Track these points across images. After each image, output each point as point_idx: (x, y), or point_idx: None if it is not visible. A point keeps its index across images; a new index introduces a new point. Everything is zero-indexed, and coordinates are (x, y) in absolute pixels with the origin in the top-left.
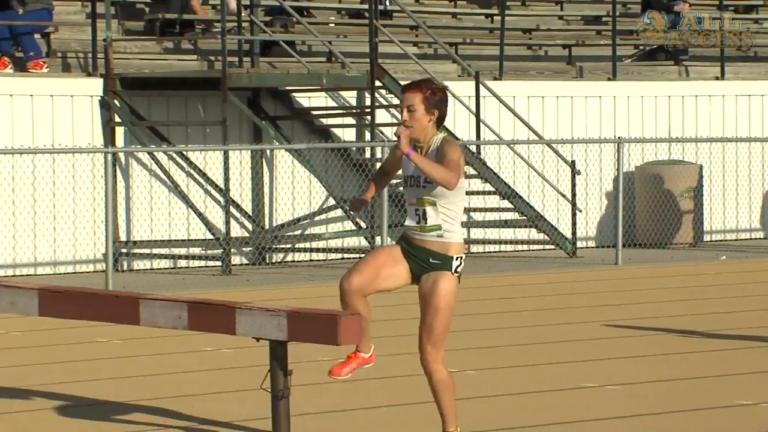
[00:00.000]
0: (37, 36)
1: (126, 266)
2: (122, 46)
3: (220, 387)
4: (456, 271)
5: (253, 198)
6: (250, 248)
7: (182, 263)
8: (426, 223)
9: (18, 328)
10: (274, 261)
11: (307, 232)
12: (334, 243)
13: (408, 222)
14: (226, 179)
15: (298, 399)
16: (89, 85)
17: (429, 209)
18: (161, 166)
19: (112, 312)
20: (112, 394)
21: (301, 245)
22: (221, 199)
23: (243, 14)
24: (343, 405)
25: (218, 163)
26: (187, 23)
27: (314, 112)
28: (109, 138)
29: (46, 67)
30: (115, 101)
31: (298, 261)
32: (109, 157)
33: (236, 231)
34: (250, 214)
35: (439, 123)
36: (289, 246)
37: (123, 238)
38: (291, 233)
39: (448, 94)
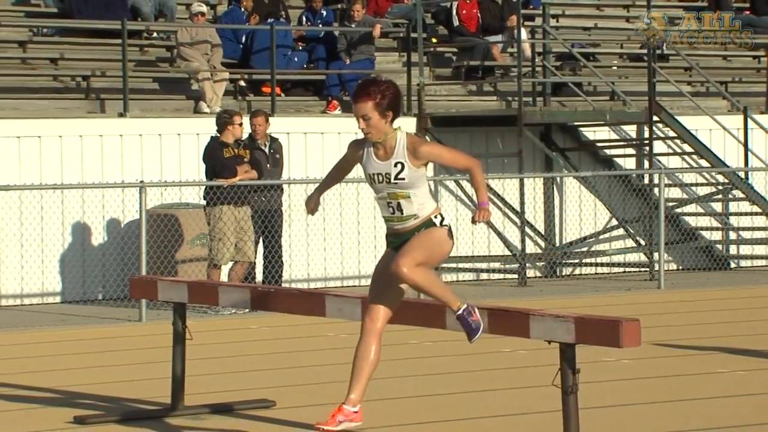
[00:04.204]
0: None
1: None
2: (433, 90)
3: (516, 383)
4: (443, 225)
5: (545, 219)
6: (543, 263)
7: (484, 276)
8: (402, 214)
9: (345, 332)
10: (563, 274)
11: (592, 248)
12: (616, 258)
13: (384, 213)
14: (522, 203)
15: (585, 395)
16: (404, 123)
17: (403, 201)
18: (465, 192)
19: (423, 318)
20: (422, 389)
21: (588, 260)
22: (517, 221)
23: (536, 60)
24: (625, 400)
25: (514, 190)
26: (488, 69)
27: (599, 144)
28: None
29: None
30: (426, 137)
31: (584, 274)
32: None
33: (530, 248)
34: (543, 233)
35: (395, 118)
36: (577, 261)
37: None
38: (579, 250)
39: (397, 86)
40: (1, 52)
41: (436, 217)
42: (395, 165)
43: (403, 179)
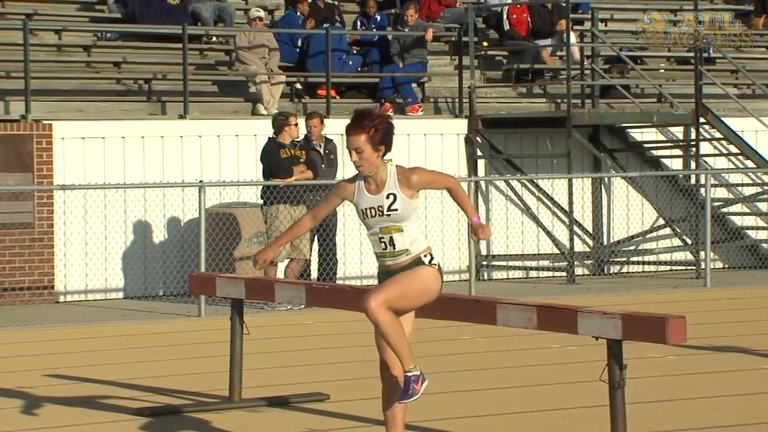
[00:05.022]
0: (413, 85)
1: (486, 276)
2: (484, 92)
3: (565, 378)
4: (431, 264)
5: (593, 218)
6: (591, 261)
7: (533, 274)
8: (395, 248)
9: None
10: (611, 272)
11: (639, 247)
12: (663, 257)
13: (375, 249)
14: (570, 203)
15: (632, 390)
16: (456, 125)
17: (396, 236)
18: (515, 192)
19: (474, 314)
20: (472, 383)
21: (635, 259)
22: (566, 220)
23: (585, 63)
24: (671, 396)
25: (563, 189)
26: (537, 71)
27: (646, 145)
28: (472, 168)
29: (421, 111)
30: (477, 138)
31: (632, 272)
32: (472, 185)
33: (579, 246)
34: (591, 231)
35: (386, 152)
36: (624, 259)
37: (483, 252)
38: (626, 248)
39: (390, 121)
40: (67, 56)
41: (425, 256)
42: (387, 196)
43: (396, 210)
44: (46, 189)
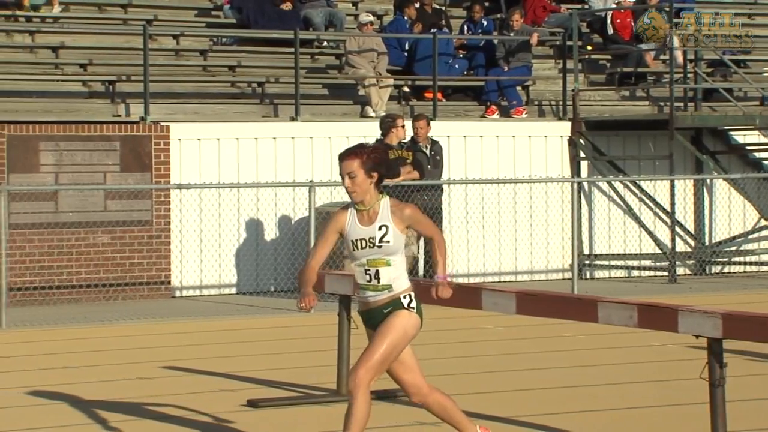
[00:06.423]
0: (518, 88)
1: (588, 275)
2: (587, 95)
3: (665, 376)
4: (410, 307)
5: (695, 219)
6: (693, 261)
7: (635, 273)
8: (379, 282)
9: (501, 324)
10: (712, 272)
11: (741, 248)
12: (765, 257)
13: (359, 280)
14: (672, 204)
15: (732, 388)
16: (559, 127)
17: (382, 269)
18: (617, 193)
19: (576, 312)
20: (573, 380)
21: (737, 259)
22: (668, 220)
23: (688, 66)
24: None
25: (665, 191)
26: (640, 75)
27: (748, 148)
28: (575, 170)
29: (525, 113)
30: (580, 140)
31: (733, 272)
32: (575, 185)
33: (680, 246)
34: (692, 232)
35: (380, 182)
36: (726, 259)
37: (586, 251)
38: (728, 249)
39: (386, 152)
40: (184, 60)
41: (405, 297)
42: (380, 228)
43: (388, 242)
44: (164, 188)
